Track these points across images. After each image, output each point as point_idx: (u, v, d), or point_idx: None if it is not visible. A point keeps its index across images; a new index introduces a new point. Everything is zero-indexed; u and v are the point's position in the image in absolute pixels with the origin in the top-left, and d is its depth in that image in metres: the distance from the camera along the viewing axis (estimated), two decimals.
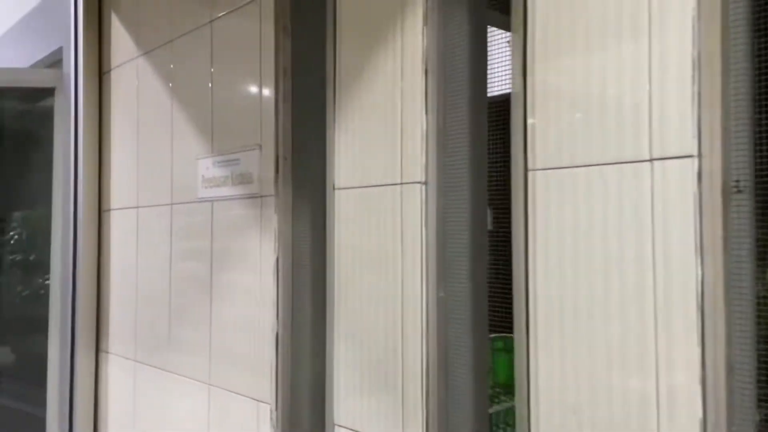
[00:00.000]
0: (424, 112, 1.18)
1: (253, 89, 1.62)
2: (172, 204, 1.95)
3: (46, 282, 3.04)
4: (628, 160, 0.84)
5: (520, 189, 1.00)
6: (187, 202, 1.87)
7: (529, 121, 0.99)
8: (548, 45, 0.96)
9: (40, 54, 2.80)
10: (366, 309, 1.28)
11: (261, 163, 1.59)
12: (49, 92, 2.77)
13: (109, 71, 2.32)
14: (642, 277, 0.83)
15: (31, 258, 3.21)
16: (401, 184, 1.21)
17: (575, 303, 0.91)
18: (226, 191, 1.71)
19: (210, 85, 1.78)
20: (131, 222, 2.16)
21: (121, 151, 2.24)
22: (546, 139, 0.96)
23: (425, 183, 1.17)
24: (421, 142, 1.18)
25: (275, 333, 1.52)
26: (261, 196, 1.58)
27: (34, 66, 2.84)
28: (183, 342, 1.88)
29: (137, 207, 2.13)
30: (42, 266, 3.06)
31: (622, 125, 0.86)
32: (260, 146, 1.59)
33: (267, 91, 1.57)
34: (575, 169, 0.91)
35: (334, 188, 1.37)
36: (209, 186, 1.77)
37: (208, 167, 1.78)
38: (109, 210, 2.30)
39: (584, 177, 0.90)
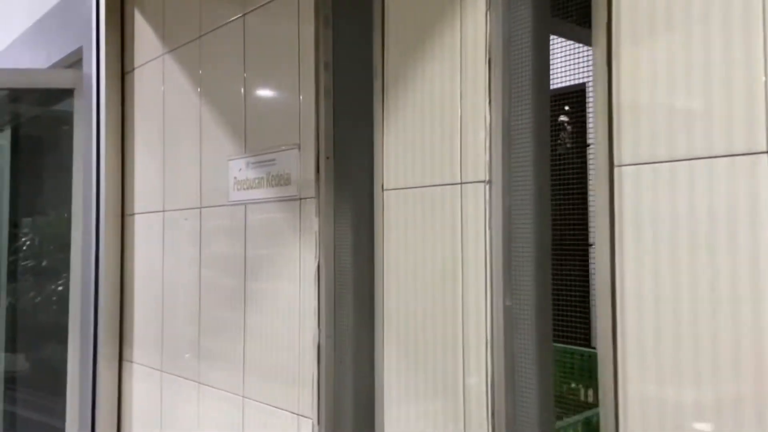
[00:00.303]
0: (487, 104, 1.09)
1: (291, 85, 1.53)
2: (200, 207, 1.87)
3: (59, 288, 2.97)
4: (741, 153, 0.75)
5: (605, 186, 0.91)
6: (218, 206, 1.79)
7: (615, 113, 0.90)
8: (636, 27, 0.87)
9: (58, 55, 2.73)
10: (421, 319, 1.19)
11: (300, 163, 1.50)
12: (67, 94, 2.70)
13: (131, 70, 2.25)
14: (756, 278, 0.74)
15: (44, 264, 3.14)
16: (461, 183, 1.12)
17: (675, 307, 0.82)
18: (260, 193, 1.62)
19: (243, 81, 1.70)
20: (156, 226, 2.08)
21: (145, 153, 2.17)
22: (638, 132, 0.87)
23: (489, 182, 1.08)
24: (484, 137, 1.09)
25: (317, 344, 1.43)
26: (300, 199, 1.50)
27: (53, 67, 2.77)
28: (214, 351, 1.79)
29: (163, 211, 2.05)
30: (55, 272, 2.98)
31: (730, 116, 0.76)
32: (299, 145, 1.50)
33: (306, 87, 1.49)
34: (675, 163, 0.82)
35: (382, 189, 1.28)
36: (242, 188, 1.69)
37: (240, 168, 1.70)
38: (132, 214, 2.23)
39: (686, 171, 0.81)
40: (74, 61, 2.69)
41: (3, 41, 3.34)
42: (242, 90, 1.70)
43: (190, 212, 1.91)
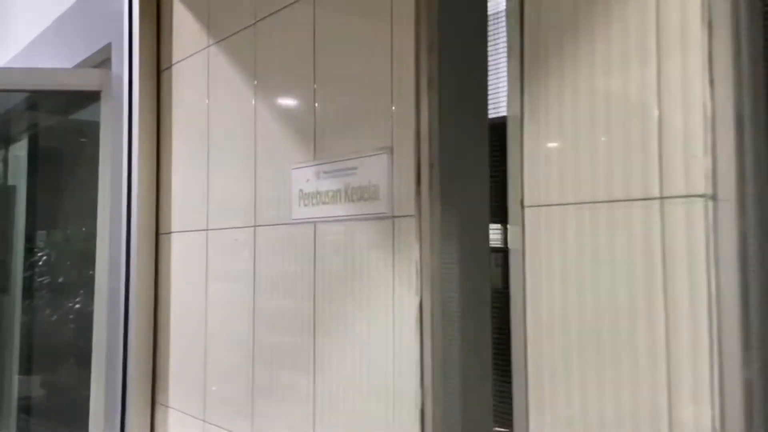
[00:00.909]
0: (707, 84, 0.75)
1: (380, 72, 1.21)
2: (255, 226, 1.55)
3: (76, 306, 2.71)
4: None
5: None
6: (278, 224, 1.47)
7: None
8: None
9: (83, 54, 2.44)
10: (592, 394, 0.85)
11: (392, 172, 1.17)
12: (92, 97, 2.42)
13: (169, 67, 1.94)
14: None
15: (60, 280, 2.91)
16: (661, 198, 0.79)
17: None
18: (336, 210, 1.30)
19: (311, 69, 1.38)
20: (198, 247, 1.76)
21: (185, 162, 1.86)
22: None
23: (712, 197, 0.75)
24: (703, 131, 0.75)
25: (419, 409, 1.10)
26: (393, 217, 1.17)
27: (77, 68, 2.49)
28: (274, 399, 1.46)
29: (206, 230, 1.73)
30: (71, 290, 2.72)
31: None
32: (391, 149, 1.18)
33: (401, 74, 1.16)
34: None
35: (522, 205, 0.95)
36: (310, 203, 1.36)
37: (308, 179, 1.38)
38: (168, 233, 1.91)
39: None
40: (101, 61, 2.40)
41: (21, 42, 3.07)
42: (311, 81, 1.38)
43: (242, 232, 1.59)
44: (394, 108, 1.18)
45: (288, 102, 1.45)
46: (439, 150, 1.12)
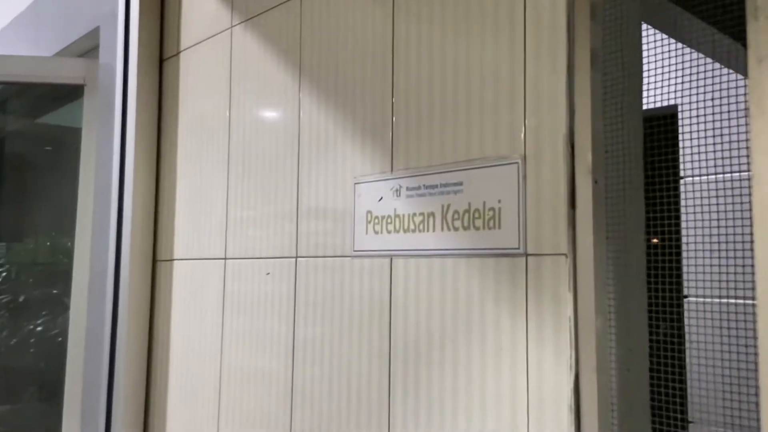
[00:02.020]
0: None
1: (504, 47, 0.87)
2: (296, 257, 1.18)
3: (37, 329, 2.37)
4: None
5: None
6: (331, 256, 1.11)
7: None
8: None
9: (64, 41, 2.05)
10: None
11: (524, 189, 0.83)
12: (72, 93, 2.03)
13: (175, 54, 1.57)
14: None
15: (21, 299, 2.60)
16: None
17: None
18: (427, 241, 0.94)
19: (389, 41, 1.02)
20: (212, 280, 1.38)
21: (195, 171, 1.48)
22: None
23: None
24: None
25: None
26: (525, 255, 0.82)
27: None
28: None
29: (224, 258, 1.36)
30: (35, 311, 2.39)
31: None
32: (523, 157, 0.83)
33: (541, 49, 0.82)
34: None
35: None
36: (384, 230, 1.01)
37: (381, 197, 1.02)
38: (170, 260, 1.53)
39: None
40: (86, 51, 2.02)
41: None
42: (388, 59, 1.03)
43: (277, 264, 1.22)
44: (527, 99, 0.84)
45: (350, 90, 1.10)
46: (604, 158, 0.78)
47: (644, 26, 0.93)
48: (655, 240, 0.84)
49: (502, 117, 0.87)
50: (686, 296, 0.87)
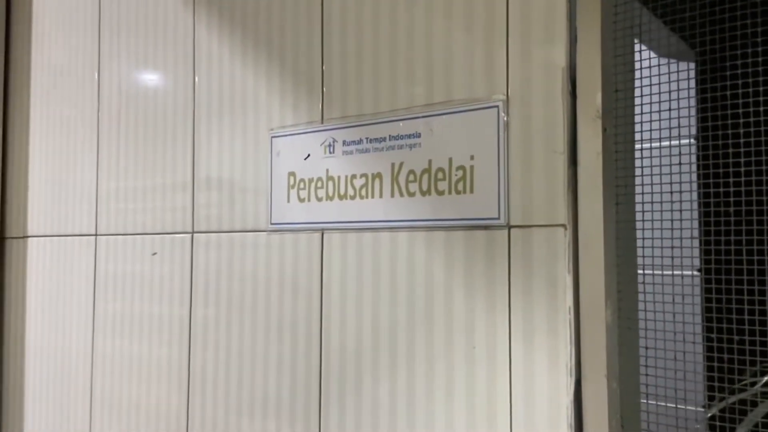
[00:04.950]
0: None
1: None
2: (192, 233, 0.92)
3: None
4: None
5: None
6: (240, 231, 0.86)
7: None
8: None
9: None
10: None
11: (506, 142, 0.64)
12: None
13: None
14: None
15: None
16: None
17: None
18: (373, 209, 0.73)
19: None
20: (80, 260, 1.09)
21: (56, 132, 1.16)
22: None
23: None
24: None
25: None
26: (506, 227, 0.63)
27: None
28: None
29: (94, 235, 1.06)
30: None
31: None
32: (505, 100, 0.64)
33: None
34: None
35: None
36: (313, 197, 0.78)
37: (308, 154, 0.79)
38: (22, 237, 1.20)
39: None
40: None
41: None
42: None
43: (167, 240, 0.95)
44: (509, 18, 0.64)
45: (263, 15, 0.85)
46: (615, 100, 0.60)
47: None
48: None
49: (475, 44, 0.66)
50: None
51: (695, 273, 0.74)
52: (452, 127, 0.67)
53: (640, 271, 0.66)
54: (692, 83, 0.65)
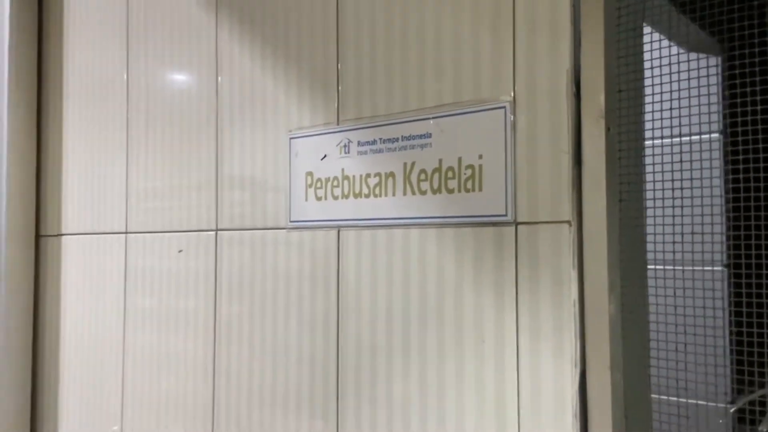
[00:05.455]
0: None
1: None
2: (216, 230, 0.96)
3: None
4: None
5: None
6: (261, 229, 0.90)
7: None
8: None
9: None
10: None
11: (513, 141, 0.66)
12: None
13: None
14: None
15: None
16: None
17: None
18: (386, 207, 0.76)
19: None
20: (111, 257, 1.14)
21: (88, 132, 1.21)
22: None
23: None
24: None
25: None
26: (514, 224, 0.66)
27: None
28: None
29: (125, 233, 1.11)
30: None
31: None
32: (512, 101, 0.66)
33: None
34: None
35: None
36: (329, 195, 0.81)
37: (325, 154, 0.82)
38: (57, 235, 1.26)
39: None
40: None
41: None
42: None
43: (192, 238, 0.99)
44: (516, 22, 0.66)
45: (281, 23, 0.88)
46: (618, 100, 0.61)
47: None
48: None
49: (483, 48, 0.69)
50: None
51: (719, 269, 0.75)
52: (461, 127, 0.70)
53: (651, 266, 0.68)
54: (714, 79, 0.66)
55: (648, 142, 0.68)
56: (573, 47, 0.62)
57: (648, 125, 0.66)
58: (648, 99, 0.65)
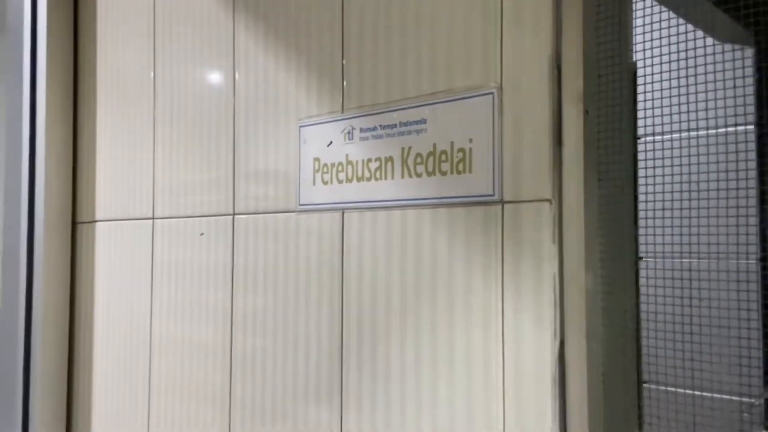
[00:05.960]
0: None
1: None
2: (233, 215, 1.03)
3: None
4: None
5: None
6: (273, 212, 0.96)
7: None
8: None
9: None
10: None
11: (500, 125, 0.70)
12: None
13: None
14: None
15: None
16: None
17: None
18: (384, 190, 0.81)
19: None
20: (140, 242, 1.22)
21: (117, 122, 1.29)
22: None
23: None
24: None
25: None
26: (500, 203, 0.70)
27: None
28: None
29: (152, 218, 1.19)
30: None
31: None
32: (499, 87, 0.70)
33: None
34: None
35: None
36: (335, 179, 0.86)
37: (330, 141, 0.87)
38: (91, 222, 1.35)
39: None
40: None
41: None
42: None
43: (212, 222, 1.06)
44: (504, 14, 0.70)
45: (293, 14, 0.94)
46: (597, 84, 0.65)
47: None
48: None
49: (473, 38, 0.73)
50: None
51: (753, 261, 0.76)
52: (453, 113, 0.74)
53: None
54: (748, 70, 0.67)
55: (676, 135, 0.67)
56: (554, 34, 0.66)
57: (675, 118, 0.66)
58: (667, 90, 0.65)
